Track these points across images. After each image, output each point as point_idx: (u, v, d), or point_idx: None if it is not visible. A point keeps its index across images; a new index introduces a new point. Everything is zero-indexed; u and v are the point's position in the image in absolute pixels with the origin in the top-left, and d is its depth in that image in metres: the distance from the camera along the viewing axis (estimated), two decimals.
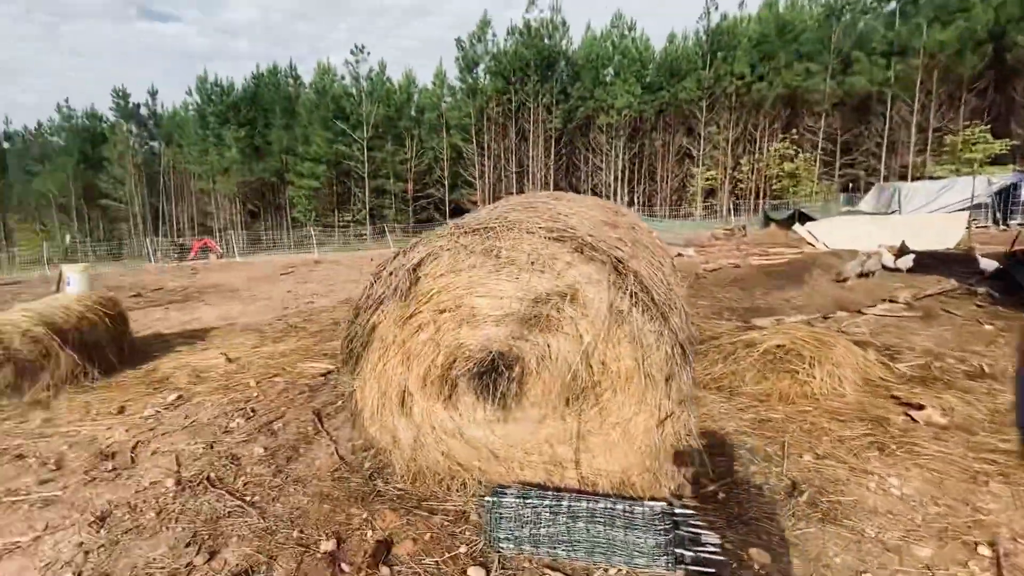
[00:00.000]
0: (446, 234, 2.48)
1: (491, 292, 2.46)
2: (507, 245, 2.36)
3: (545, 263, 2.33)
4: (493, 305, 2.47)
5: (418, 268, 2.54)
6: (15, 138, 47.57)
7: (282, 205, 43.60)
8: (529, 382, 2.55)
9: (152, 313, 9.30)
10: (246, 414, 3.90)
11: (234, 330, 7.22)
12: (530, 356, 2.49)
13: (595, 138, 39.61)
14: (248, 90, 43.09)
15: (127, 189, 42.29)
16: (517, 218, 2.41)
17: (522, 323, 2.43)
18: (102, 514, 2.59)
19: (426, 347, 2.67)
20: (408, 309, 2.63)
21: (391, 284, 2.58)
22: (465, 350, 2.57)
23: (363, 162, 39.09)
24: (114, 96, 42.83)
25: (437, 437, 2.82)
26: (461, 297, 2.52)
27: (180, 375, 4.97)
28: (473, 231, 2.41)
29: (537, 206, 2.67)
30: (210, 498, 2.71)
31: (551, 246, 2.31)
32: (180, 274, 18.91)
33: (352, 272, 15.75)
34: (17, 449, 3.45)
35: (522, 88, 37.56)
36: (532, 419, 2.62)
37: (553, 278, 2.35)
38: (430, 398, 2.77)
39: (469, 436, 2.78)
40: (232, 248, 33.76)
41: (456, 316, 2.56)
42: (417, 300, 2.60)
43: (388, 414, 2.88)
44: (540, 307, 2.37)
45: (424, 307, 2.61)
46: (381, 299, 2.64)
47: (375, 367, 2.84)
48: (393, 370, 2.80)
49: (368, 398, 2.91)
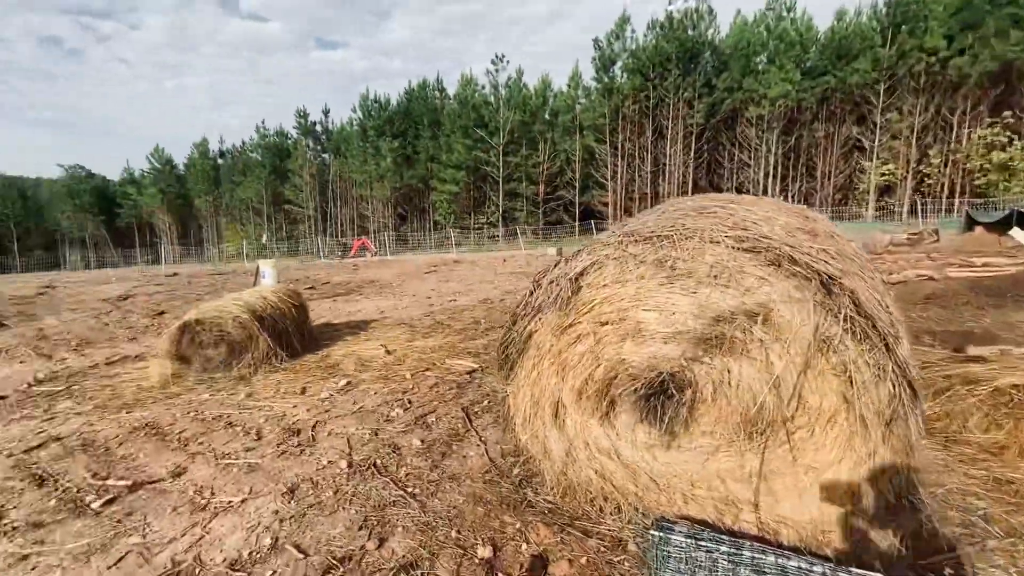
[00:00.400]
0: (613, 242, 2.33)
1: (661, 306, 2.25)
2: (685, 256, 2.13)
3: (731, 277, 2.05)
4: (663, 321, 2.26)
5: (580, 277, 2.43)
6: (226, 155, 58.54)
7: (426, 209, 47.43)
8: (701, 408, 2.29)
9: (323, 304, 10.64)
10: (404, 405, 4.18)
11: (389, 323, 7.92)
12: (705, 380, 2.23)
13: (743, 132, 36.32)
14: (401, 105, 47.65)
15: (304, 195, 49.53)
16: (696, 225, 2.17)
17: (697, 343, 2.18)
18: (291, 486, 2.93)
19: (584, 359, 2.55)
20: (567, 319, 2.54)
21: (551, 293, 2.50)
22: (628, 367, 2.40)
23: (498, 167, 40.77)
24: (296, 116, 50.51)
25: (590, 454, 2.69)
26: (626, 310, 2.35)
27: (348, 363, 5.54)
28: (645, 239, 2.22)
29: (715, 211, 2.39)
30: (377, 485, 2.91)
31: (739, 257, 2.03)
32: (343, 270, 21.50)
33: (487, 272, 16.41)
34: (228, 418, 4.10)
35: (661, 84, 35.91)
36: (702, 449, 2.35)
37: (740, 294, 2.06)
38: (585, 412, 2.65)
39: (626, 458, 2.59)
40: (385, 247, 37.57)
41: (619, 330, 2.40)
42: (577, 310, 2.50)
43: (540, 423, 2.83)
44: (721, 326, 2.10)
45: (584, 318, 2.49)
46: (540, 307, 2.58)
47: (529, 375, 2.80)
48: (547, 380, 2.73)
49: (520, 405, 2.88)
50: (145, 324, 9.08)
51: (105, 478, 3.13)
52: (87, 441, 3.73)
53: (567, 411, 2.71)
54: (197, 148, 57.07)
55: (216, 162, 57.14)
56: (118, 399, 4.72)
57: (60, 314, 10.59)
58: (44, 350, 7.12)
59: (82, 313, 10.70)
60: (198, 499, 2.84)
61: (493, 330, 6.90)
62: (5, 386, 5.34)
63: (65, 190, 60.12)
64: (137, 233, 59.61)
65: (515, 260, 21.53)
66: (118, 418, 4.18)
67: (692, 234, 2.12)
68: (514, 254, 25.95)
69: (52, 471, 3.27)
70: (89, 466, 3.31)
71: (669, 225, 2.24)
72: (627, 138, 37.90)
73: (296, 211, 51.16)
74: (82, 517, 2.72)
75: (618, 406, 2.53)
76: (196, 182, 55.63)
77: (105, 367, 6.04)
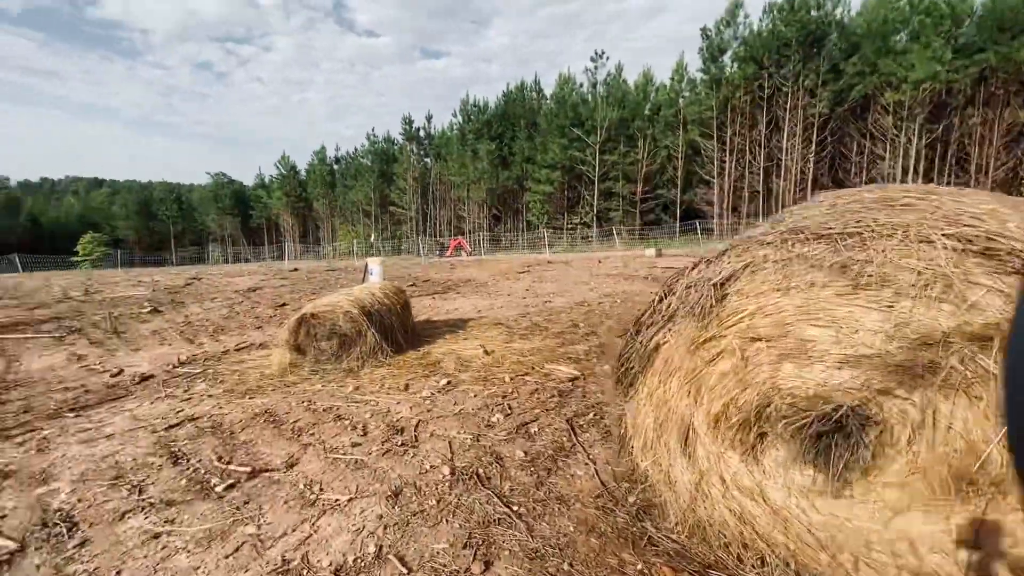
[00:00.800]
0: (773, 240, 1.92)
1: (839, 322, 1.79)
2: (879, 259, 1.66)
3: (950, 288, 1.56)
4: (840, 340, 1.80)
5: (727, 283, 2.04)
6: (340, 161, 63.67)
7: (519, 209, 47.87)
8: (889, 453, 1.80)
9: (423, 300, 10.96)
10: (504, 410, 4.00)
11: (486, 322, 7.87)
12: (898, 419, 1.74)
13: (876, 121, 32.08)
14: (499, 107, 48.55)
15: (407, 197, 52.37)
16: (896, 221, 1.69)
17: (891, 371, 1.70)
18: (395, 490, 2.84)
19: (725, 381, 2.15)
20: (706, 332, 2.15)
21: (688, 300, 2.14)
22: (786, 394, 1.97)
23: (594, 166, 39.95)
24: (403, 123, 53.48)
25: (727, 491, 2.28)
26: (787, 324, 1.92)
27: (448, 361, 5.51)
28: (819, 238, 1.78)
29: (910, 203, 1.88)
30: (480, 498, 2.73)
31: (964, 262, 1.53)
32: (441, 268, 22.25)
33: (582, 273, 15.98)
34: (337, 410, 4.20)
35: (777, 71, 32.86)
36: (886, 504, 1.86)
37: (961, 311, 1.56)
38: (722, 442, 2.25)
39: (775, 501, 2.15)
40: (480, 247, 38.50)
41: (776, 348, 1.97)
42: (720, 322, 2.11)
43: (664, 449, 2.46)
44: (930, 351, 1.61)
45: (729, 331, 2.09)
46: (671, 316, 2.23)
47: (653, 393, 2.45)
48: (676, 400, 2.36)
49: (641, 426, 2.54)
50: (269, 314, 9.93)
51: (228, 462, 3.29)
52: (216, 424, 4.00)
53: (699, 439, 2.33)
54: (316, 155, 62.80)
55: (332, 167, 62.41)
56: (243, 384, 5.08)
57: (203, 303, 12.00)
58: (188, 335, 8.02)
59: (219, 302, 12.03)
60: (308, 493, 2.86)
61: (593, 335, 6.54)
62: (156, 366, 6.03)
63: (211, 194, 69.34)
64: (266, 232, 67.03)
65: (611, 261, 20.82)
66: (242, 403, 4.47)
67: (891, 232, 1.64)
68: (609, 255, 25.18)
69: (186, 451, 3.52)
70: (216, 449, 3.52)
71: (853, 220, 1.78)
72: (736, 132, 35.17)
73: (399, 212, 54.26)
74: (207, 500, 2.84)
75: (768, 439, 2.10)
76: (315, 186, 61.17)
77: (235, 353, 6.62)
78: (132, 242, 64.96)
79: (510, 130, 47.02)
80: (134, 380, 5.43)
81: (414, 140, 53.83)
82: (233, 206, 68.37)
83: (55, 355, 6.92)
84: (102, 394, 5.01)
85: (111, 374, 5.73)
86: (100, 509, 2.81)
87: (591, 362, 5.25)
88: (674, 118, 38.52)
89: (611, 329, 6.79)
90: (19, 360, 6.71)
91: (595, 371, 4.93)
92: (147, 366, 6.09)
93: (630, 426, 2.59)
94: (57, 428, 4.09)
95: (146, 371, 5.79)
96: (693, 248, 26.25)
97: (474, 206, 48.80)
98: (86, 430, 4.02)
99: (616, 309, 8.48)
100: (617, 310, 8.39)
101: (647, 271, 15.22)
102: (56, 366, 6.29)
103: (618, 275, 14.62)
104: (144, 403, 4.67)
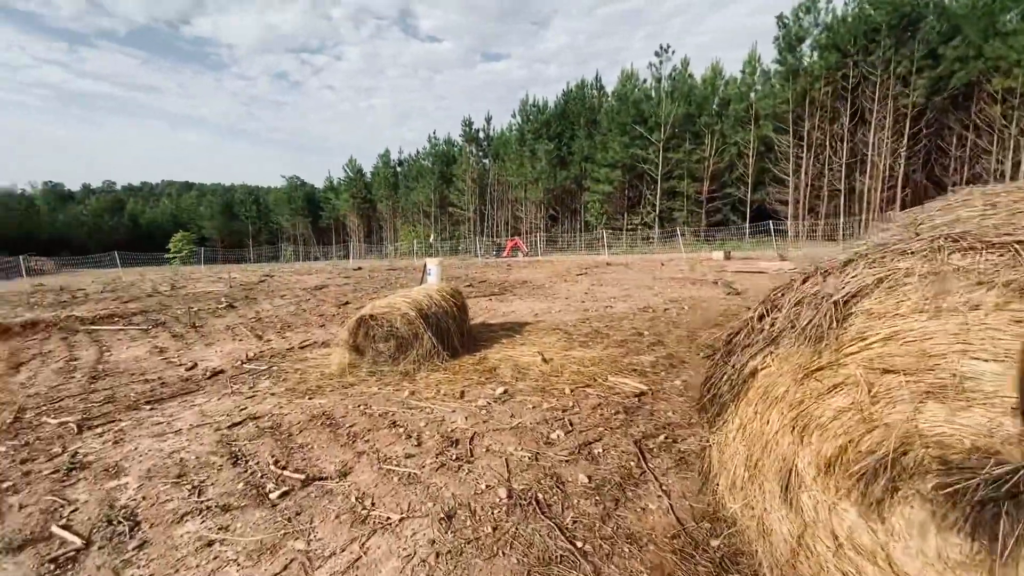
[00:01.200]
0: (920, 249, 1.52)
1: (1014, 356, 1.38)
2: None
3: None
4: (1013, 379, 1.39)
5: (852, 300, 1.66)
6: (403, 164, 65.60)
7: (577, 209, 47.19)
8: None
9: (479, 302, 10.86)
10: (564, 426, 3.72)
11: (543, 327, 7.61)
12: None
13: (981, 111, 28.74)
14: (558, 107, 48.11)
15: (465, 198, 53.09)
16: None
17: None
18: (448, 512, 2.65)
19: (843, 418, 1.77)
20: (819, 358, 1.78)
21: (798, 319, 1.77)
22: (931, 442, 1.57)
23: (657, 164, 38.62)
24: (463, 125, 54.27)
25: (839, 550, 1.89)
26: (936, 355, 1.52)
27: (504, 368, 5.31)
28: (989, 246, 1.38)
29: None
30: (540, 528, 2.48)
31: None
32: (497, 269, 22.22)
33: (643, 276, 15.34)
34: (392, 416, 4.09)
35: (864, 59, 30.21)
36: None
37: None
38: (836, 491, 1.86)
39: (903, 568, 1.74)
40: (536, 248, 38.32)
41: (918, 383, 1.57)
42: (840, 347, 1.73)
43: (758, 491, 2.10)
44: None
45: (851, 359, 1.71)
46: (775, 338, 1.87)
47: (745, 425, 2.10)
48: (775, 436, 1.99)
49: (729, 462, 2.19)
50: (332, 312, 10.20)
51: (284, 467, 3.24)
52: (275, 424, 4.01)
53: (804, 484, 1.95)
54: (381, 158, 65.07)
55: (395, 170, 64.46)
56: (304, 383, 5.12)
57: (272, 300, 12.57)
58: (257, 330, 8.35)
59: (288, 299, 12.56)
60: (359, 508, 2.73)
61: (659, 345, 6.11)
62: (226, 362, 6.26)
63: (285, 196, 73.68)
64: (334, 232, 70.35)
65: (674, 264, 19.92)
66: (301, 404, 4.48)
67: None
68: (672, 257, 24.14)
69: (245, 451, 3.52)
70: (273, 451, 3.49)
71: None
72: (815, 126, 32.70)
73: (458, 213, 55.11)
74: (261, 507, 2.78)
75: (901, 494, 1.70)
76: (379, 188, 63.41)
77: (299, 350, 6.77)
78: (215, 240, 70.36)
79: (569, 129, 46.46)
80: (205, 375, 5.64)
81: (473, 142, 54.46)
82: (304, 207, 72.30)
83: (140, 347, 7.39)
84: (176, 387, 5.22)
85: (186, 368, 6.00)
86: (161, 509, 2.81)
87: (659, 376, 4.86)
88: (745, 113, 36.41)
89: (680, 339, 6.32)
90: (110, 350, 7.22)
91: (664, 386, 4.53)
92: (218, 361, 6.33)
93: (715, 461, 2.25)
94: (133, 421, 4.27)
95: (217, 366, 6.02)
96: (765, 250, 24.65)
97: (531, 206, 48.65)
98: (158, 424, 4.16)
99: (684, 317, 7.94)
100: (686, 318, 7.85)
101: (716, 275, 14.35)
102: (140, 357, 6.70)
103: (684, 279, 13.88)
104: (212, 399, 4.80)
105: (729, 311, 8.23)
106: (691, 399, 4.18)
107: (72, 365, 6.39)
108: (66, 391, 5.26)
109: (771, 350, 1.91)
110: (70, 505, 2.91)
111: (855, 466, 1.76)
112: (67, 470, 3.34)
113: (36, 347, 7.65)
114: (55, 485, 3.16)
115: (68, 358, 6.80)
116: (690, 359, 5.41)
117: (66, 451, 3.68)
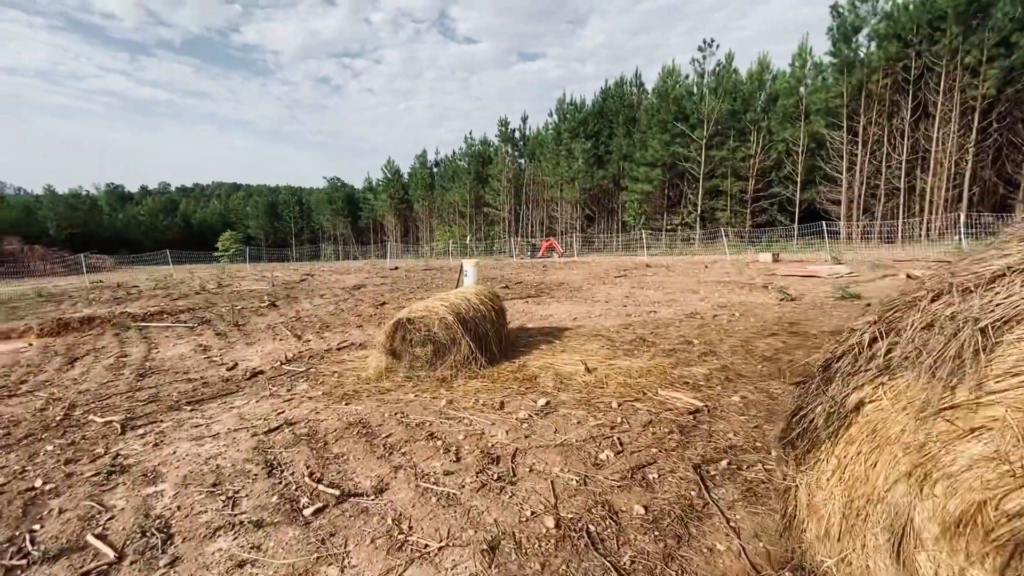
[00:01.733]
0: None
1: None
2: None
3: None
4: None
5: (1005, 326, 1.33)
6: (439, 164, 66.23)
7: (614, 209, 46.34)
8: None
9: (516, 305, 10.64)
10: (614, 446, 3.44)
11: (584, 333, 7.31)
12: None
13: None
14: (596, 105, 47.38)
15: (501, 198, 53.05)
16: None
17: None
18: (491, 542, 2.43)
19: (982, 470, 1.44)
20: (954, 395, 1.45)
21: (923, 345, 1.45)
22: None
23: (699, 162, 37.42)
24: (499, 125, 54.23)
25: None
26: None
27: (545, 377, 5.06)
28: None
29: None
30: (594, 568, 2.22)
31: None
32: (533, 270, 21.96)
33: (686, 279, 14.74)
34: (430, 427, 3.91)
35: (928, 49, 28.27)
36: None
37: None
38: (966, 556, 1.53)
39: None
40: (572, 248, 37.84)
41: None
42: (981, 383, 1.40)
43: (859, 546, 1.78)
44: None
45: (999, 397, 1.38)
46: (891, 366, 1.55)
47: (845, 466, 1.78)
48: (885, 483, 1.67)
49: (822, 507, 1.87)
50: (370, 313, 10.21)
51: (319, 480, 3.10)
52: (312, 431, 3.90)
53: (924, 543, 1.62)
54: (418, 159, 65.91)
55: (432, 170, 65.18)
56: (340, 387, 5.03)
57: (312, 299, 12.74)
58: (297, 330, 8.40)
59: (327, 299, 12.70)
60: (396, 532, 2.54)
61: (712, 355, 5.71)
62: (266, 362, 6.27)
63: (326, 197, 75.74)
64: (372, 231, 71.75)
65: (719, 266, 19.13)
66: (338, 409, 4.37)
67: None
68: (716, 259, 23.24)
69: (281, 460, 3.41)
70: (308, 461, 3.36)
71: None
72: (872, 121, 30.82)
73: (493, 213, 55.12)
74: (294, 524, 2.64)
75: None
76: (416, 188, 64.22)
77: (336, 352, 6.72)
78: (260, 239, 73.06)
79: (607, 128, 45.67)
80: (245, 375, 5.64)
81: (509, 141, 54.34)
82: (344, 207, 74.10)
83: (185, 344, 7.53)
84: (217, 388, 5.23)
85: (227, 367, 6.04)
86: (195, 521, 2.71)
87: (714, 390, 4.49)
88: (794, 108, 34.74)
89: (735, 349, 5.90)
90: (158, 347, 7.39)
91: (721, 403, 4.18)
92: (258, 361, 6.35)
93: (803, 504, 1.93)
94: (174, 422, 4.25)
95: (256, 366, 6.03)
96: (815, 253, 23.40)
97: (567, 206, 48.10)
98: (197, 426, 4.13)
99: (736, 324, 7.47)
100: (738, 325, 7.38)
101: (765, 279, 13.62)
102: (185, 355, 6.81)
103: (731, 283, 13.23)
104: (251, 401, 4.76)
105: (784, 319, 7.70)
106: (753, 418, 3.82)
107: (122, 362, 6.55)
108: (114, 388, 5.36)
109: (884, 381, 1.59)
110: (107, 512, 2.85)
111: (996, 531, 1.43)
112: (107, 473, 3.32)
113: (91, 342, 7.94)
114: (95, 489, 3.13)
115: (119, 354, 6.99)
116: (747, 372, 5.01)
117: (108, 452, 3.67)
